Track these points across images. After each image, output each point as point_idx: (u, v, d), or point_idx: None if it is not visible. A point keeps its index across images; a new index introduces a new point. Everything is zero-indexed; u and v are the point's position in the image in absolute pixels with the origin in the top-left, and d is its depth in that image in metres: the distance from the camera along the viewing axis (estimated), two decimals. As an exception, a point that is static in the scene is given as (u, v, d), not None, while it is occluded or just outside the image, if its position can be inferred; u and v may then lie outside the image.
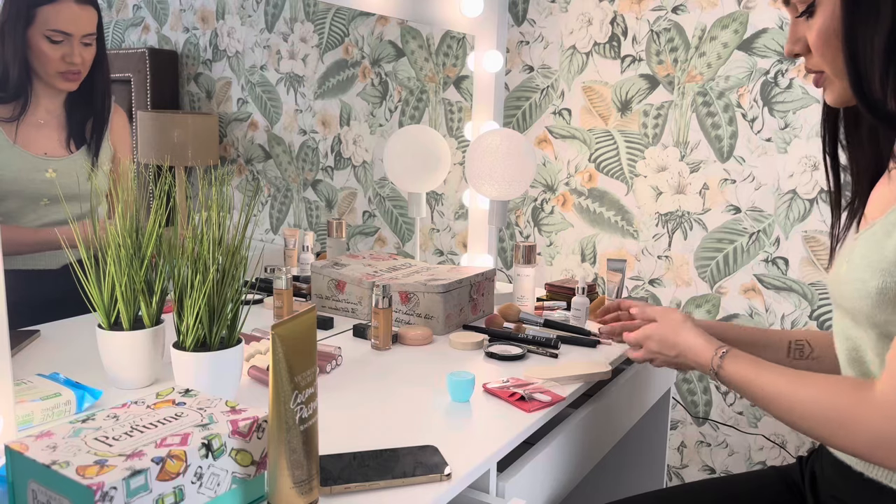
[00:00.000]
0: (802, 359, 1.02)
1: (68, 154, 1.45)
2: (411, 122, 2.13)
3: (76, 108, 1.46)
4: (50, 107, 1.43)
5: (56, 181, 1.39)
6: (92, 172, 1.45)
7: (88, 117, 1.47)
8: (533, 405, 0.98)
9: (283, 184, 2.40)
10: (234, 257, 0.88)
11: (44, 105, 1.43)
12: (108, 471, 0.55)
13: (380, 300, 1.18)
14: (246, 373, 1.03)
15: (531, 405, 0.98)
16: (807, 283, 1.64)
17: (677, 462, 1.84)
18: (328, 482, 0.73)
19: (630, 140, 1.80)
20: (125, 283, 0.92)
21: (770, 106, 1.63)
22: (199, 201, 0.88)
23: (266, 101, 2.40)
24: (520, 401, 0.99)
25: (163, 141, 2.27)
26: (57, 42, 1.34)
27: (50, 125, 1.44)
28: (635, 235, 1.82)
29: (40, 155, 1.41)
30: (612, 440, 1.23)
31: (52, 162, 1.41)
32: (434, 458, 0.80)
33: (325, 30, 2.24)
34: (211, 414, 0.66)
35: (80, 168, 1.43)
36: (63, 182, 1.39)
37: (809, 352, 1.02)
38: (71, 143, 1.45)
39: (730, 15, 1.65)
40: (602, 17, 1.80)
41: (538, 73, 1.90)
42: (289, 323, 0.64)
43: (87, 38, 1.38)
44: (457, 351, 1.21)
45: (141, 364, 0.96)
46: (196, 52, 2.53)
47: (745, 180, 1.67)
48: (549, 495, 1.01)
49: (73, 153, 1.45)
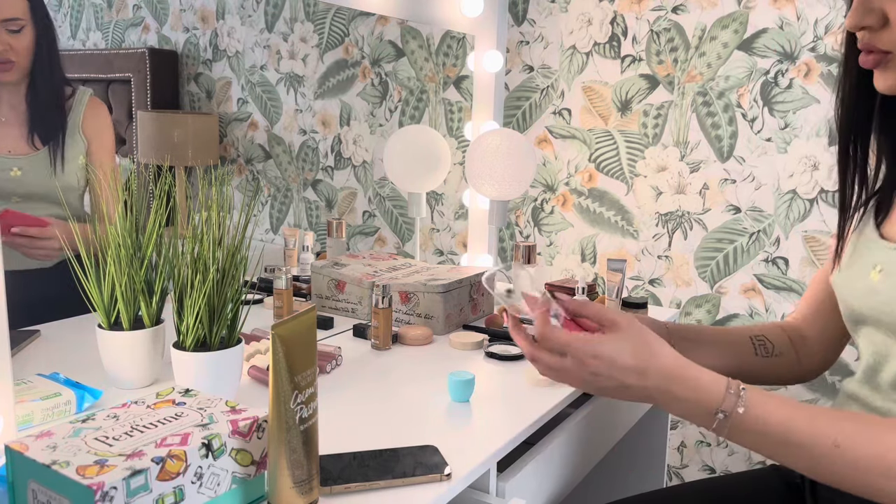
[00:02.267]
0: (768, 356, 0.93)
1: (33, 151, 1.41)
2: (411, 121, 2.13)
3: (37, 102, 1.41)
4: (13, 102, 1.40)
5: (22, 179, 1.36)
6: (52, 169, 1.40)
7: (48, 111, 1.42)
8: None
9: (283, 184, 2.40)
10: (234, 257, 0.88)
11: (6, 101, 1.39)
12: (109, 471, 0.55)
13: (380, 300, 1.18)
14: (246, 373, 1.03)
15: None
16: (807, 282, 1.64)
17: (677, 462, 1.84)
18: (328, 482, 0.73)
19: (630, 140, 1.80)
20: (125, 283, 0.92)
21: (770, 106, 1.63)
22: (199, 201, 0.88)
23: (266, 101, 2.40)
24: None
25: (163, 141, 2.27)
26: None
27: (11, 122, 1.40)
28: (635, 235, 1.82)
29: (4, 153, 1.38)
30: (613, 440, 1.23)
31: (17, 160, 1.38)
32: (434, 458, 0.80)
33: (325, 30, 2.24)
34: (211, 414, 0.66)
35: (45, 165, 1.40)
36: (29, 180, 1.36)
37: (772, 348, 0.94)
38: (35, 140, 1.41)
39: (730, 15, 1.65)
40: (602, 17, 1.80)
41: (538, 72, 1.90)
42: (289, 323, 0.64)
43: (10, 23, 1.32)
44: (457, 351, 1.21)
45: (141, 364, 0.96)
46: (196, 51, 2.53)
47: (745, 180, 1.67)
48: (550, 495, 1.01)
49: (39, 150, 1.41)
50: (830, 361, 0.98)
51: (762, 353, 0.93)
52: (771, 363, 0.94)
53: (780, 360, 0.94)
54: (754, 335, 0.95)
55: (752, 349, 0.93)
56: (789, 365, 0.95)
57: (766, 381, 0.97)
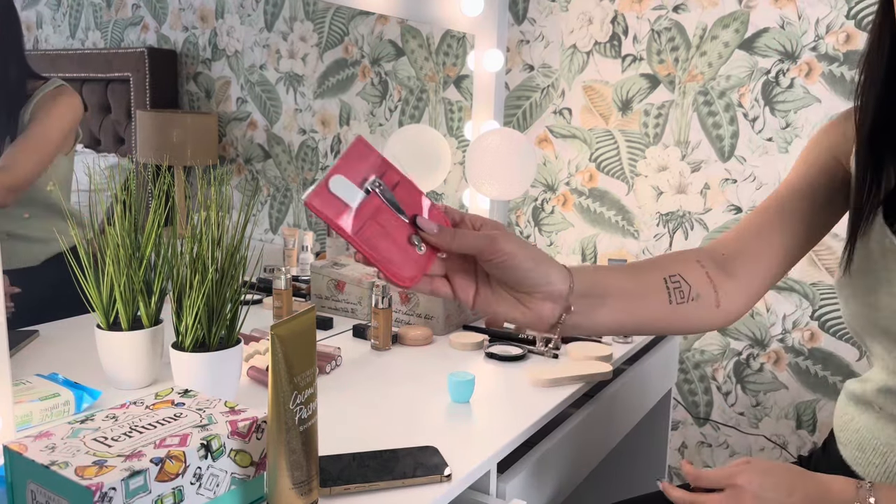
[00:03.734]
0: (683, 301, 0.81)
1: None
2: (411, 121, 2.13)
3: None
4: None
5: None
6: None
7: (7, 103, 1.36)
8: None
9: (282, 183, 2.40)
10: (234, 257, 0.87)
11: None
12: (107, 471, 0.55)
13: (379, 300, 1.18)
14: (245, 373, 1.03)
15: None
16: (808, 283, 1.63)
17: (678, 463, 1.84)
18: (328, 483, 0.73)
19: (631, 140, 1.80)
20: (124, 283, 0.91)
21: (771, 105, 1.63)
22: (198, 201, 0.87)
23: (265, 101, 2.40)
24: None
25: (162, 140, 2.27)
26: None
27: None
28: (636, 235, 1.82)
29: None
30: (613, 441, 1.23)
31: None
32: (434, 459, 0.79)
33: (324, 29, 2.24)
34: (210, 414, 0.66)
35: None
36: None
37: (688, 291, 0.82)
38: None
39: (731, 14, 1.64)
40: (603, 17, 1.79)
41: (538, 72, 1.90)
42: (288, 323, 0.63)
43: None
44: (457, 351, 1.21)
45: (140, 364, 0.95)
46: (195, 51, 2.53)
47: (747, 180, 1.67)
48: (550, 496, 1.01)
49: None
50: (750, 307, 0.86)
51: (677, 298, 0.81)
52: (685, 310, 0.81)
53: (696, 306, 0.82)
54: (669, 276, 0.82)
55: (665, 296, 0.81)
56: (706, 310, 0.83)
57: (679, 330, 0.85)
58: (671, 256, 0.85)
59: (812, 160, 0.87)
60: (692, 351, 1.79)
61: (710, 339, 1.77)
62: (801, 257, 0.87)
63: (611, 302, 0.76)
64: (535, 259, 0.70)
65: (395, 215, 0.66)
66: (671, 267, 0.82)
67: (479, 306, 0.72)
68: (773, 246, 0.85)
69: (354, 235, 0.64)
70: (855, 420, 0.85)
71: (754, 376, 1.72)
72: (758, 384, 1.72)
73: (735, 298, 0.84)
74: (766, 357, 1.70)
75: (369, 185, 0.65)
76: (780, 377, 1.69)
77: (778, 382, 1.70)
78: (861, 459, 0.83)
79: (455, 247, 0.68)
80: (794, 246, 0.85)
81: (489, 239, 0.68)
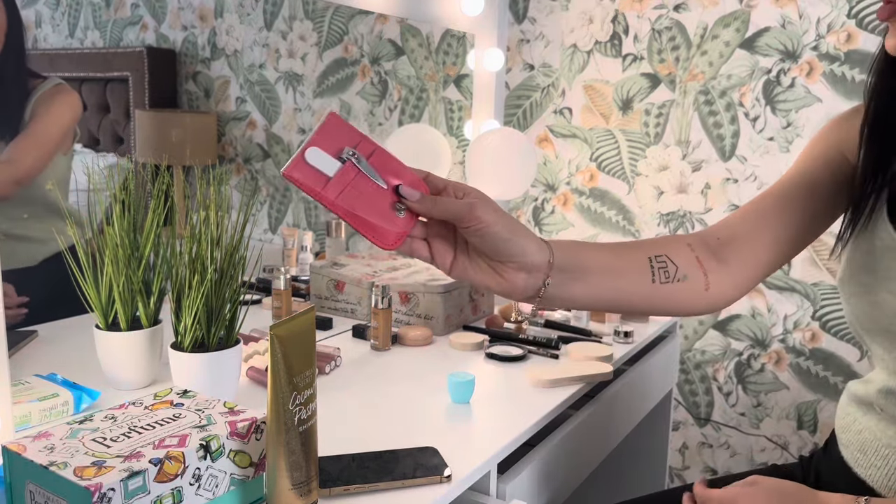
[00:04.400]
0: (668, 281, 0.80)
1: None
2: (411, 120, 2.12)
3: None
4: None
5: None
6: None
7: (9, 105, 1.36)
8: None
9: (281, 183, 2.40)
10: (233, 257, 0.87)
11: None
12: (106, 472, 0.55)
13: (379, 300, 1.17)
14: (244, 374, 1.03)
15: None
16: (809, 283, 1.63)
17: (679, 463, 1.84)
18: (327, 484, 0.72)
19: (631, 139, 1.79)
20: (123, 284, 0.91)
21: (772, 105, 1.63)
22: (198, 201, 0.87)
23: (265, 100, 2.39)
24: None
25: (161, 140, 2.26)
26: None
27: None
28: (637, 235, 1.81)
29: None
30: (614, 441, 1.22)
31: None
32: (434, 460, 0.79)
33: (324, 28, 2.24)
34: (209, 415, 0.66)
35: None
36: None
37: (674, 271, 0.80)
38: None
39: (731, 13, 1.64)
40: (603, 16, 1.79)
41: (539, 71, 1.89)
42: (287, 323, 0.63)
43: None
44: (457, 351, 1.20)
45: (139, 365, 0.95)
46: (194, 50, 2.53)
47: (748, 180, 1.67)
48: (550, 497, 1.00)
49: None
50: (739, 296, 0.85)
51: (661, 278, 0.79)
52: (669, 291, 0.79)
53: (682, 287, 0.79)
54: (655, 255, 0.80)
55: (648, 275, 0.79)
56: (693, 292, 0.81)
57: (660, 311, 0.83)
58: (660, 238, 0.85)
59: (817, 153, 0.86)
60: (693, 351, 1.79)
61: (711, 340, 1.76)
62: (797, 252, 0.86)
63: (589, 277, 0.76)
64: (512, 230, 0.71)
65: (372, 182, 0.69)
66: (658, 248, 0.81)
67: (456, 273, 0.74)
68: (768, 235, 0.84)
69: (335, 201, 0.67)
70: (857, 422, 0.84)
71: (755, 377, 1.72)
72: (759, 384, 1.72)
73: (724, 285, 0.83)
74: (767, 357, 1.70)
75: (345, 155, 0.68)
76: (782, 377, 1.69)
77: (779, 383, 1.70)
78: (863, 461, 0.82)
79: (436, 213, 0.71)
80: (790, 237, 0.84)
81: (468, 206, 0.69)
